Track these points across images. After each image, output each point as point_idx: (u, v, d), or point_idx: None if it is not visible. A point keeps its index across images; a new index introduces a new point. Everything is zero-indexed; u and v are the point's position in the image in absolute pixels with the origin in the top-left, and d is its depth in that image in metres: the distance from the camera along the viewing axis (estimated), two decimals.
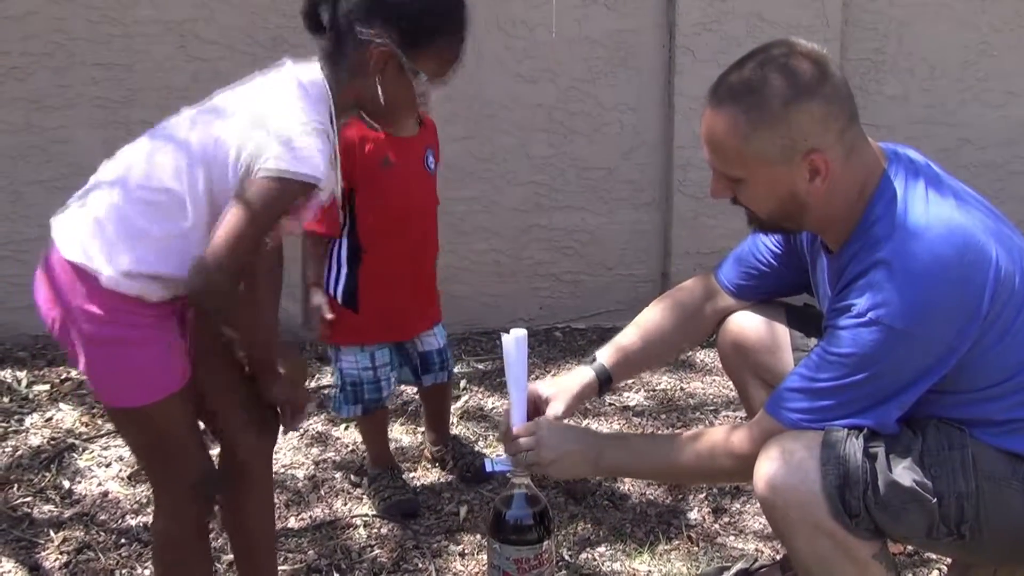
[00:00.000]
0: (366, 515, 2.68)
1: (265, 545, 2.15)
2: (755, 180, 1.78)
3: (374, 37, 1.78)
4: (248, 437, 2.00)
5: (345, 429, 3.13)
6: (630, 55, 3.80)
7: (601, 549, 2.53)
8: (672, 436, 2.01)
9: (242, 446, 2.00)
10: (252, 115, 1.76)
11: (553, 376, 3.41)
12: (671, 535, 2.58)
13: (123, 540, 2.56)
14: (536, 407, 2.06)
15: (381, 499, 2.70)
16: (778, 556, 2.41)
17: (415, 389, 3.08)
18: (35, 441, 3.05)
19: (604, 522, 2.64)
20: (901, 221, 1.73)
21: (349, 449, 3.02)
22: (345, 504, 2.75)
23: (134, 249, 1.76)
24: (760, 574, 2.35)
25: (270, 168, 1.71)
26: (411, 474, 2.88)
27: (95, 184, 1.83)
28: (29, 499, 2.74)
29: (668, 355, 2.57)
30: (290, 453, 2.98)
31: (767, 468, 1.76)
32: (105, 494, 2.77)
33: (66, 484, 2.81)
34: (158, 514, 1.99)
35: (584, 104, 3.81)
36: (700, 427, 3.05)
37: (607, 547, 2.54)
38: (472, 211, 3.79)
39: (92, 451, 2.99)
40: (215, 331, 1.95)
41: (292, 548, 2.52)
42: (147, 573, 2.43)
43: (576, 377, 2.13)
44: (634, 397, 3.37)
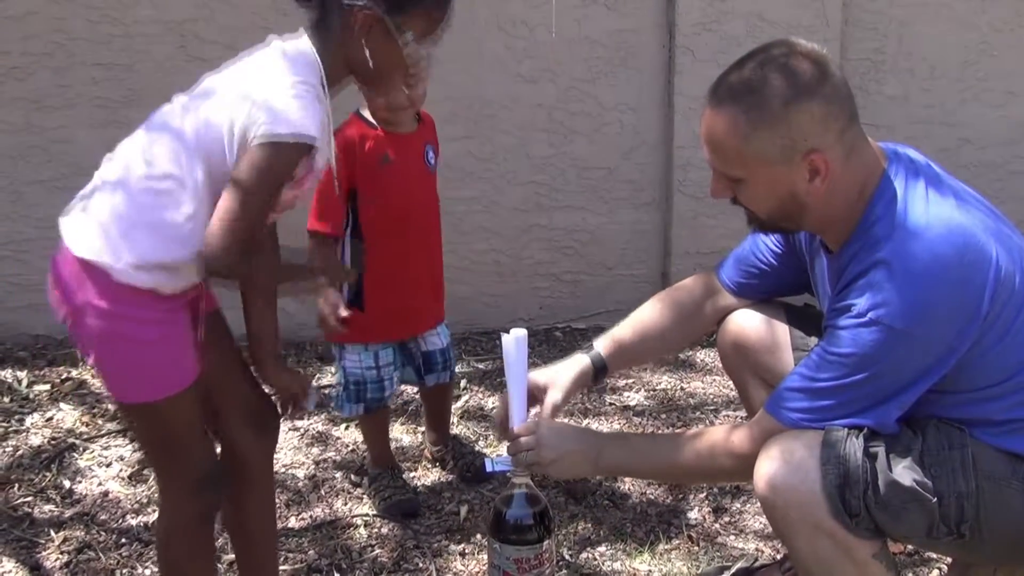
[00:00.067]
0: (366, 515, 2.68)
1: (266, 545, 2.15)
2: (755, 180, 1.79)
3: (358, 1, 1.78)
4: (249, 436, 2.01)
5: (345, 429, 3.13)
6: (630, 55, 3.79)
7: (601, 549, 2.53)
8: (672, 436, 2.01)
9: (243, 445, 2.00)
10: (239, 91, 1.77)
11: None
12: (671, 535, 2.58)
13: (123, 540, 2.56)
14: (533, 396, 2.07)
15: (381, 499, 2.70)
16: (778, 556, 2.41)
17: (415, 389, 3.08)
18: (35, 441, 3.05)
19: (604, 522, 2.64)
20: (901, 221, 1.73)
21: (349, 449, 3.02)
22: (345, 504, 2.75)
23: (143, 240, 1.77)
24: (760, 574, 2.35)
25: (261, 135, 1.71)
26: (411, 474, 2.88)
27: (99, 183, 1.84)
28: (29, 499, 2.74)
29: (665, 350, 2.57)
30: (290, 453, 2.98)
31: (767, 468, 1.76)
32: (105, 494, 2.77)
33: (66, 484, 2.81)
34: (163, 509, 1.99)
35: (584, 104, 3.80)
36: (700, 427, 3.05)
37: (607, 547, 2.54)
38: (472, 211, 3.79)
39: (92, 451, 2.99)
40: (221, 328, 1.96)
41: (292, 548, 2.52)
42: (147, 573, 2.43)
43: (572, 365, 2.14)
44: (634, 397, 3.37)
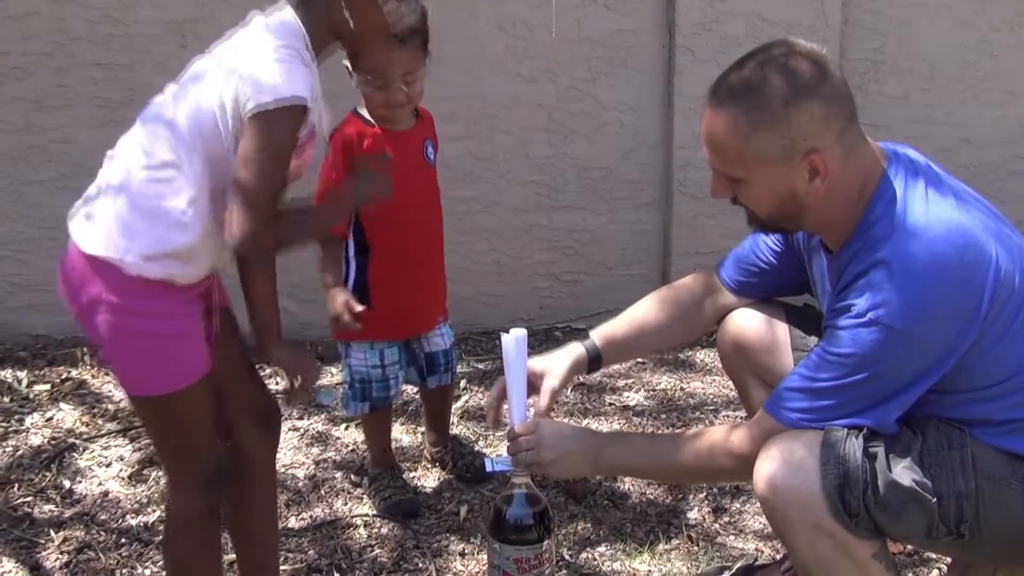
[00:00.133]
0: (366, 515, 2.68)
1: (267, 545, 2.16)
2: (755, 180, 1.79)
3: None
4: (254, 435, 2.01)
5: (345, 429, 3.13)
6: (630, 55, 3.79)
7: (601, 549, 2.53)
8: (672, 435, 2.01)
9: (248, 444, 2.00)
10: (226, 69, 1.78)
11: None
12: (671, 535, 2.58)
13: (123, 540, 2.56)
14: (531, 382, 2.07)
15: (381, 499, 2.70)
16: (778, 556, 2.41)
17: (415, 389, 3.08)
18: (35, 441, 3.05)
19: (604, 522, 2.64)
20: (901, 221, 1.73)
21: (349, 449, 3.02)
22: (345, 504, 2.75)
23: (148, 230, 1.78)
24: (760, 574, 2.35)
25: (251, 110, 1.73)
26: (411, 474, 2.88)
27: (103, 185, 1.85)
28: (29, 499, 2.74)
29: (662, 346, 2.58)
30: (290, 453, 2.98)
31: (767, 468, 1.76)
32: (105, 494, 2.77)
33: (66, 484, 2.82)
34: (171, 504, 2.00)
35: (584, 104, 3.80)
36: (700, 427, 3.05)
37: (607, 547, 2.54)
38: (472, 211, 3.79)
39: (92, 451, 2.99)
40: (230, 325, 1.96)
41: (292, 548, 2.52)
42: (147, 573, 2.43)
43: (567, 353, 2.15)
44: (634, 397, 3.37)
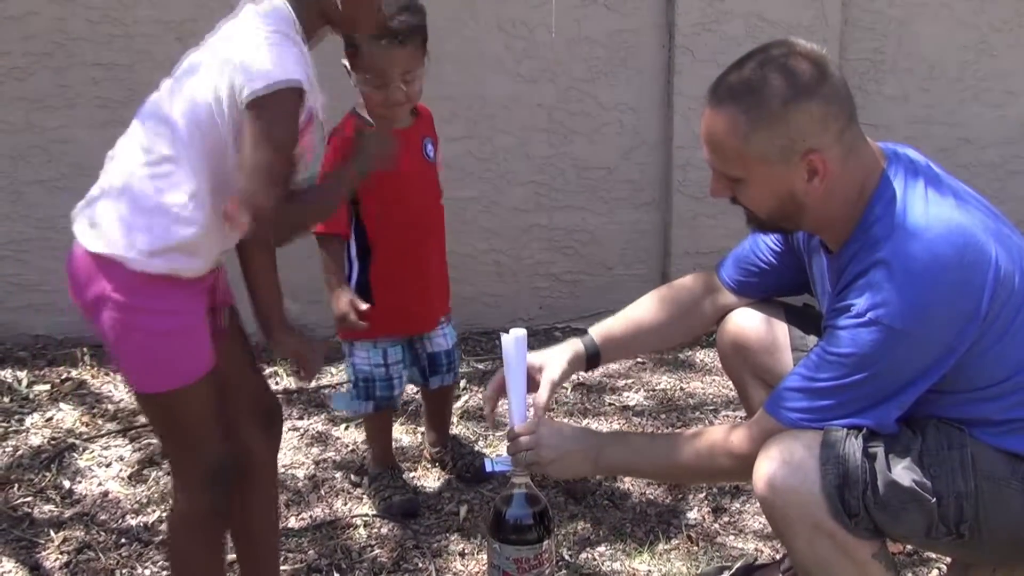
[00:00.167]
0: (366, 515, 2.68)
1: (268, 544, 2.16)
2: (754, 180, 1.79)
3: None
4: (256, 434, 2.01)
5: (345, 429, 3.13)
6: (630, 55, 3.79)
7: (601, 549, 2.53)
8: (672, 435, 2.01)
9: (249, 443, 2.00)
10: (219, 59, 1.78)
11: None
12: (671, 535, 2.58)
13: (123, 540, 2.56)
14: (530, 376, 2.07)
15: (381, 499, 2.70)
16: (778, 556, 2.41)
17: (415, 389, 3.08)
18: (35, 441, 3.05)
19: (604, 522, 2.64)
20: (900, 221, 1.73)
21: (349, 449, 3.02)
22: (345, 504, 2.75)
23: (153, 226, 1.78)
24: (760, 574, 2.35)
25: (245, 98, 1.73)
26: (411, 474, 2.88)
27: (106, 186, 1.85)
28: (29, 499, 2.74)
29: (660, 345, 2.58)
30: (290, 453, 2.98)
31: (767, 468, 1.76)
32: (105, 494, 2.77)
33: (66, 484, 2.82)
34: (175, 501, 2.00)
35: (584, 104, 3.80)
36: (700, 427, 3.05)
37: (607, 547, 2.54)
38: (472, 211, 3.79)
39: (92, 451, 2.99)
40: (234, 324, 1.97)
41: (292, 548, 2.52)
42: (147, 573, 2.43)
43: (566, 348, 2.16)
44: (634, 397, 3.37)
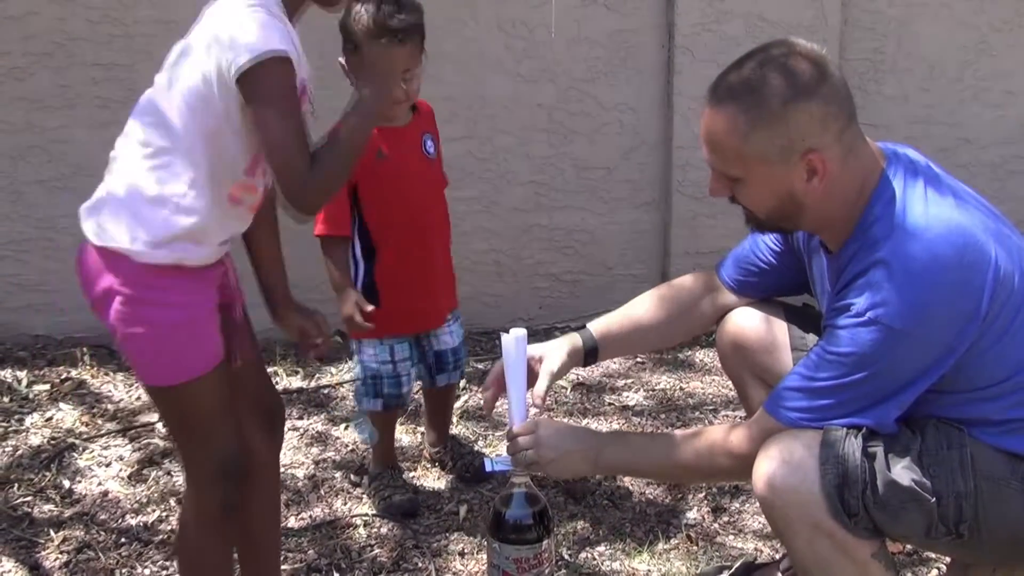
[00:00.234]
0: (366, 515, 2.68)
1: (269, 544, 2.16)
2: (753, 179, 1.79)
3: None
4: (258, 433, 2.01)
5: (344, 429, 3.13)
6: (629, 55, 3.79)
7: (600, 548, 2.53)
8: (671, 435, 2.01)
9: (252, 442, 2.00)
10: (205, 44, 1.79)
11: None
12: (670, 534, 2.58)
13: (123, 540, 2.56)
14: (530, 367, 2.07)
15: (381, 498, 2.70)
16: (777, 555, 2.41)
17: (416, 388, 3.08)
18: (35, 441, 3.05)
19: (603, 521, 2.64)
20: (900, 221, 1.73)
21: (349, 449, 3.02)
22: (345, 504, 2.75)
23: (155, 217, 1.79)
24: (759, 573, 2.35)
25: (236, 73, 1.73)
26: (411, 474, 2.88)
27: (111, 188, 1.86)
28: (29, 499, 2.74)
29: (659, 344, 2.58)
30: (290, 453, 2.98)
31: (766, 467, 1.76)
32: (105, 494, 2.77)
33: (66, 484, 2.82)
34: (186, 497, 2.00)
35: (584, 104, 3.80)
36: (699, 426, 3.04)
37: (606, 546, 2.54)
38: (472, 211, 3.79)
39: (92, 451, 2.99)
40: (237, 317, 1.97)
41: (292, 548, 2.52)
42: (147, 573, 2.43)
43: (565, 341, 2.16)
44: (633, 397, 3.37)
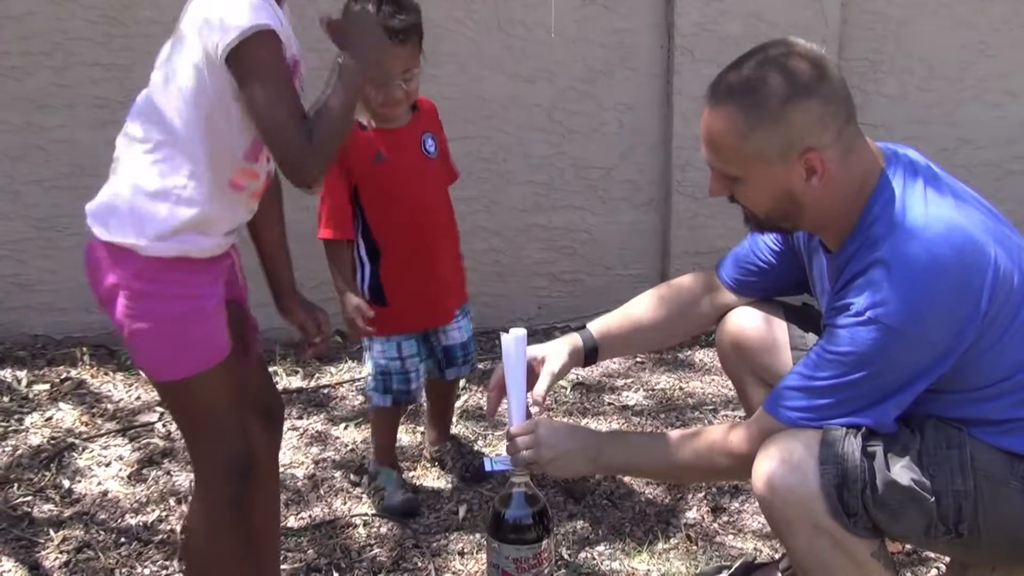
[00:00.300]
0: (365, 514, 2.68)
1: (268, 542, 2.16)
2: (752, 179, 1.79)
3: None
4: (258, 431, 2.02)
5: (344, 429, 3.13)
6: (629, 55, 3.79)
7: (600, 548, 2.53)
8: (671, 434, 2.01)
9: (252, 439, 2.00)
10: (195, 29, 1.78)
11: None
12: (670, 534, 2.59)
13: (123, 539, 2.56)
14: (531, 367, 2.07)
15: (380, 498, 2.70)
16: (777, 555, 2.41)
17: None
18: (35, 440, 3.05)
19: (603, 521, 2.64)
20: (900, 221, 1.73)
21: (348, 449, 3.02)
22: (344, 503, 2.75)
23: (157, 210, 1.79)
24: (759, 573, 2.35)
25: (223, 52, 1.72)
26: (411, 473, 2.88)
27: (114, 179, 1.86)
28: (29, 498, 2.74)
29: (659, 343, 2.59)
30: (289, 453, 2.98)
31: (766, 467, 1.76)
32: (105, 493, 2.77)
33: (66, 483, 2.82)
34: (194, 495, 2.00)
35: (583, 104, 3.80)
36: (699, 426, 3.05)
37: (606, 546, 2.54)
38: (472, 211, 3.79)
39: (92, 450, 2.99)
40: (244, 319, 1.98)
41: (292, 547, 2.53)
42: (147, 572, 2.44)
43: (566, 341, 2.16)
44: (633, 396, 3.37)
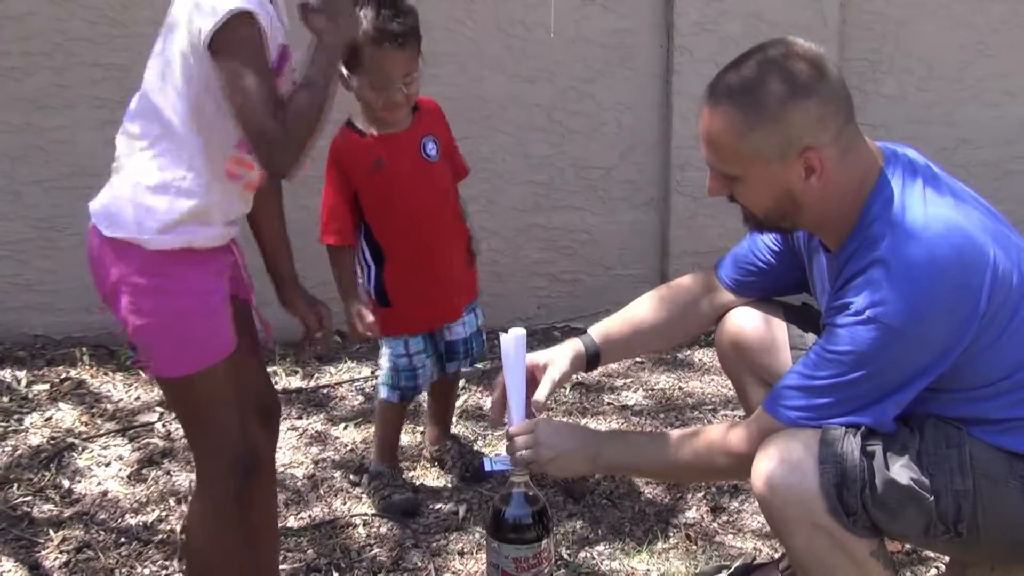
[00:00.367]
0: (365, 514, 2.68)
1: (267, 541, 2.16)
2: (751, 178, 1.79)
3: None
4: (257, 430, 2.01)
5: (344, 429, 3.13)
6: (628, 55, 3.80)
7: (600, 548, 2.53)
8: (670, 434, 2.01)
9: (249, 438, 2.00)
10: (184, 18, 1.78)
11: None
12: (669, 534, 2.59)
13: (123, 539, 2.56)
14: (532, 374, 2.07)
15: (380, 498, 2.70)
16: (776, 554, 2.42)
17: None
18: (35, 440, 3.05)
19: (603, 521, 2.64)
20: (899, 220, 1.74)
21: (348, 448, 3.02)
22: (344, 503, 2.75)
23: (157, 203, 1.80)
24: (758, 573, 2.35)
25: (206, 38, 1.73)
26: (411, 473, 2.88)
27: (116, 178, 1.87)
28: (29, 498, 2.74)
29: (660, 345, 2.59)
30: (289, 453, 2.98)
31: (765, 466, 1.76)
32: (105, 493, 2.77)
33: (66, 483, 2.82)
34: (196, 493, 2.00)
35: (582, 104, 3.80)
36: (699, 425, 3.05)
37: (606, 546, 2.54)
38: (472, 211, 3.79)
39: (92, 451, 2.99)
40: (246, 318, 1.98)
41: (291, 547, 2.53)
42: (147, 572, 2.44)
43: (567, 347, 2.16)
44: (632, 396, 3.37)
